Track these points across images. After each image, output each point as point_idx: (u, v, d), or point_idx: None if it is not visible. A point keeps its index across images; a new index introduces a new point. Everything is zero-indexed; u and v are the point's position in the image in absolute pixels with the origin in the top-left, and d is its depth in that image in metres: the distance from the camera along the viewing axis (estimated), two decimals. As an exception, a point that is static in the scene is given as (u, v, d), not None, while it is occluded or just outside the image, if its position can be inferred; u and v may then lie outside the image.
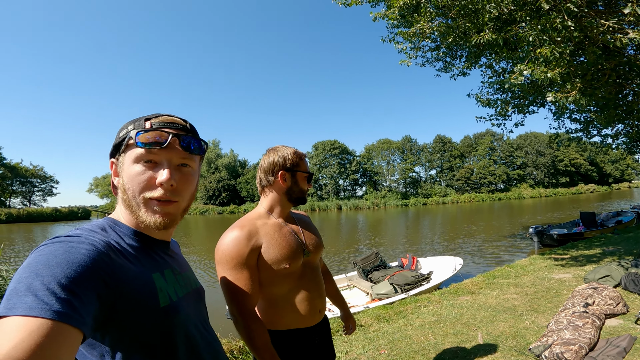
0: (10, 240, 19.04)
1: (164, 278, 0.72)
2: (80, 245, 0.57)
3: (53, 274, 0.50)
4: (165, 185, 0.70)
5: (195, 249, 14.76)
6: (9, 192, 53.78)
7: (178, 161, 0.74)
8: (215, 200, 61.43)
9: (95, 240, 0.61)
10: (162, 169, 0.71)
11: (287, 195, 1.35)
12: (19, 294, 0.47)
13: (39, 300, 0.46)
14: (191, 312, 0.77)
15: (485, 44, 4.73)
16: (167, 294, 0.70)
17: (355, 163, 63.93)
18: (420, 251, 11.23)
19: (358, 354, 3.21)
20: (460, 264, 6.63)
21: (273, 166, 1.33)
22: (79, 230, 0.66)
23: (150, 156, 0.71)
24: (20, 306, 0.46)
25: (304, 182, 1.37)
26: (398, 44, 6.06)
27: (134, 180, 0.70)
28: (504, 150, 65.55)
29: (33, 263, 0.52)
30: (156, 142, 0.70)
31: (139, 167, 0.70)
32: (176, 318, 0.70)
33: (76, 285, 0.51)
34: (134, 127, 0.72)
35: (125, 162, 0.72)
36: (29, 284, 0.48)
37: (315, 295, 1.33)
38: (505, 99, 6.84)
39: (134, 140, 0.70)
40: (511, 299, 4.45)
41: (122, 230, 0.73)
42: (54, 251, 0.54)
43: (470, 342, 3.22)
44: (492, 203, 49.97)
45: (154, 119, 0.73)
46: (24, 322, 0.45)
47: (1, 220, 37.93)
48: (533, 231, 9.46)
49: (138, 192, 0.70)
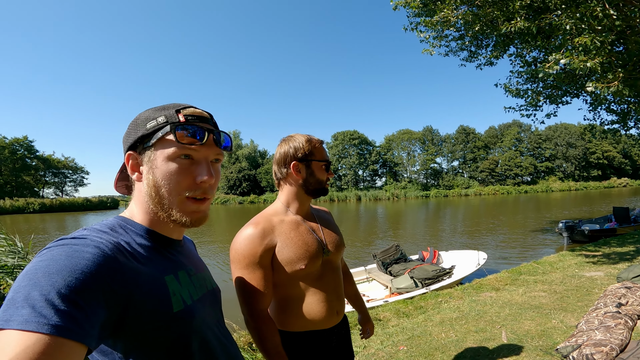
0: (44, 230, 19.81)
1: (177, 280, 0.69)
2: (85, 249, 0.54)
3: (53, 283, 0.46)
4: (206, 184, 0.68)
5: (217, 238, 15.11)
6: (42, 182, 56.72)
7: (213, 157, 0.71)
8: (236, 190, 62.62)
9: (102, 242, 0.57)
10: (201, 166, 0.68)
11: (304, 188, 1.26)
12: (16, 304, 0.45)
13: (36, 313, 0.43)
14: (207, 316, 0.74)
15: (516, 32, 4.50)
16: (181, 297, 0.67)
17: (374, 153, 63.44)
18: (441, 244, 11.05)
19: (376, 349, 3.18)
20: (484, 258, 6.45)
21: (285, 157, 1.25)
22: (86, 230, 0.62)
23: (189, 151, 0.67)
24: (16, 319, 0.43)
25: (321, 172, 1.26)
26: (420, 33, 5.87)
27: (172, 178, 0.66)
28: (532, 142, 63.30)
29: (32, 270, 0.48)
30: (195, 138, 0.66)
31: (176, 164, 0.66)
32: (191, 323, 0.67)
33: (78, 295, 0.47)
34: (165, 119, 0.67)
35: (157, 157, 0.67)
36: (26, 294, 0.45)
37: (334, 297, 1.27)
38: (536, 89, 6.54)
39: (173, 135, 0.65)
40: (538, 297, 4.30)
41: (135, 230, 0.69)
42: (55, 256, 0.51)
43: (493, 341, 3.15)
44: (518, 196, 48.44)
45: (183, 110, 0.69)
46: (20, 336, 0.42)
47: (35, 209, 39.78)
48: (563, 226, 9.08)
49: (176, 192, 0.66)
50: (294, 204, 1.28)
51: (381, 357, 3.01)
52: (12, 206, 38.61)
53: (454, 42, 6.42)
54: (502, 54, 6.31)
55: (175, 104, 0.70)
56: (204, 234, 15.60)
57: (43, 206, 41.00)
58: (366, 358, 3.02)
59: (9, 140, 50.87)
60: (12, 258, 2.89)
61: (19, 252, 3.01)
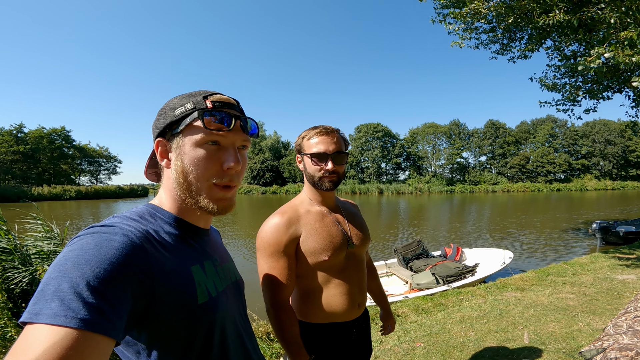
0: (79, 217, 20.85)
1: (203, 271, 0.69)
2: (114, 237, 0.54)
3: (82, 274, 0.47)
4: (233, 170, 0.67)
5: (240, 228, 15.46)
6: (78, 171, 60.02)
7: (240, 143, 0.70)
8: (259, 180, 63.72)
9: (130, 231, 0.58)
10: (228, 152, 0.67)
11: (308, 180, 1.26)
12: (46, 297, 0.45)
13: (65, 307, 0.44)
14: (229, 308, 0.74)
15: (554, 25, 4.30)
16: (206, 288, 0.66)
17: (398, 146, 62.55)
18: (465, 241, 10.82)
19: (392, 344, 3.18)
20: (510, 257, 6.29)
21: (295, 150, 1.29)
22: (116, 218, 0.62)
23: (216, 137, 0.66)
24: (45, 312, 0.43)
25: (311, 166, 1.21)
26: (449, 25, 5.69)
27: (199, 164, 0.65)
28: (567, 138, 60.30)
29: (62, 261, 0.49)
30: (222, 124, 0.66)
31: (204, 150, 0.66)
32: (214, 315, 0.66)
33: (106, 286, 0.48)
34: (193, 105, 0.66)
35: (185, 144, 0.66)
36: (56, 286, 0.45)
37: (356, 290, 1.26)
38: (575, 83, 6.23)
39: (201, 121, 0.65)
40: (566, 299, 4.17)
41: (164, 218, 0.69)
42: (85, 245, 0.51)
43: (514, 341, 3.10)
44: (550, 194, 46.51)
45: (210, 97, 0.68)
46: (48, 331, 0.42)
47: (72, 196, 41.95)
48: (597, 227, 8.68)
49: (204, 178, 0.66)
50: (313, 195, 1.28)
51: (397, 353, 3.02)
52: (50, 193, 40.79)
53: (485, 35, 6.19)
54: (538, 47, 6.02)
55: (202, 90, 0.70)
56: (227, 224, 15.98)
57: (79, 193, 43.17)
58: (382, 353, 3.03)
59: (47, 130, 53.86)
60: (48, 244, 3.05)
61: (55, 237, 3.15)
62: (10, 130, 50.11)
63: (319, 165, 1.20)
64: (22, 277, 2.64)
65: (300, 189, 1.37)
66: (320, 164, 1.19)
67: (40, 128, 53.18)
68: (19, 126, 51.04)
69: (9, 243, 2.80)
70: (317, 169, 1.20)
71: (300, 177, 59.09)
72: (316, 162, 1.20)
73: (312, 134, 1.22)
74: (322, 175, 1.20)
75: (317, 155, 1.19)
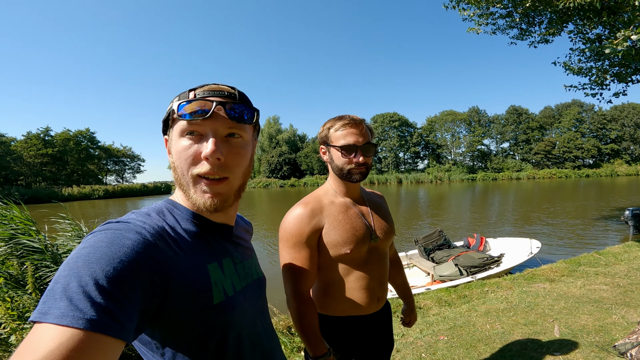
0: (107, 215, 21.39)
1: (221, 269, 0.67)
2: (127, 235, 0.53)
3: (92, 273, 0.46)
4: (211, 158, 0.62)
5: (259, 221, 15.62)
6: (104, 171, 62.36)
7: (225, 131, 0.65)
8: (277, 173, 64.22)
9: (145, 227, 0.57)
10: (205, 139, 0.63)
11: (334, 172, 1.22)
12: (55, 296, 0.44)
13: (73, 306, 0.43)
14: (248, 308, 0.72)
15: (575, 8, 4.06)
16: (223, 288, 0.65)
17: (416, 135, 61.65)
18: (489, 231, 10.53)
19: (415, 338, 3.12)
20: (537, 247, 6.07)
21: (319, 141, 1.26)
22: (133, 214, 0.62)
23: (193, 127, 0.63)
24: (53, 312, 0.42)
25: (338, 158, 1.18)
26: (463, 11, 5.47)
27: (181, 155, 0.64)
28: (595, 122, 57.67)
29: (74, 259, 0.48)
30: (199, 112, 0.62)
31: (184, 140, 0.64)
32: (230, 315, 0.65)
33: (116, 286, 0.46)
34: (178, 99, 0.65)
35: (172, 137, 0.66)
36: (65, 284, 0.45)
37: (376, 284, 1.25)
38: (601, 66, 5.91)
39: (176, 112, 0.63)
40: (599, 290, 3.99)
41: (180, 214, 0.67)
42: (97, 243, 0.50)
43: (543, 335, 2.99)
44: (578, 180, 44.71)
45: (199, 89, 0.66)
46: (55, 331, 0.41)
47: (100, 196, 43.36)
48: (629, 214, 8.24)
49: (186, 169, 0.64)
50: (337, 186, 1.25)
51: (419, 347, 2.96)
52: (80, 193, 42.27)
53: (502, 20, 5.93)
54: (559, 31, 5.73)
55: (200, 84, 0.68)
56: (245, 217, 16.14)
57: (106, 192, 44.59)
58: (404, 347, 2.98)
59: (73, 132, 56.07)
60: (77, 242, 3.18)
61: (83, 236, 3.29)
62: (37, 134, 52.22)
63: (348, 157, 1.16)
64: (54, 275, 2.74)
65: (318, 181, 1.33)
66: (349, 156, 1.16)
67: (66, 131, 55.40)
68: (46, 129, 53.16)
69: (40, 243, 2.94)
70: (346, 161, 1.16)
71: (318, 169, 59.22)
72: (345, 154, 1.16)
73: (339, 125, 1.17)
74: (351, 168, 1.17)
75: (347, 148, 1.15)
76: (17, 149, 49.30)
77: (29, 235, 3.02)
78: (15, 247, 2.96)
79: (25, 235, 3.01)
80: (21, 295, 2.41)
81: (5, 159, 46.18)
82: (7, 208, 3.27)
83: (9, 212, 3.23)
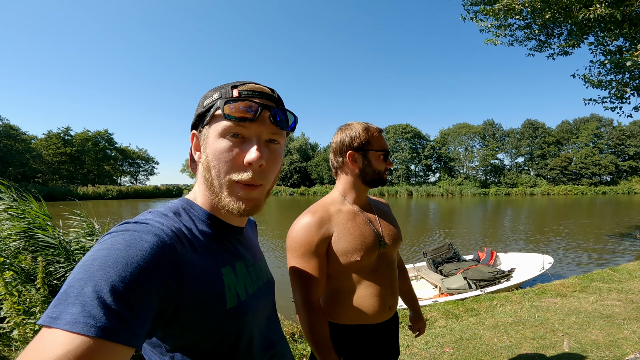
0: (119, 215, 21.91)
1: (234, 272, 0.66)
2: (145, 237, 0.52)
3: (107, 277, 0.45)
4: (255, 165, 0.60)
5: (268, 228, 15.67)
6: (119, 171, 63.72)
7: (267, 137, 0.64)
8: (287, 181, 64.56)
9: (162, 230, 0.55)
10: (251, 145, 0.61)
11: (361, 178, 1.22)
12: (68, 300, 0.43)
13: (86, 313, 0.42)
14: (259, 311, 0.71)
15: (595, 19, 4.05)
16: (236, 292, 0.64)
17: (428, 148, 61.24)
18: (500, 246, 10.36)
19: (419, 349, 3.08)
20: (549, 263, 5.95)
21: (341, 146, 1.22)
22: (150, 214, 0.61)
23: (238, 129, 0.61)
24: (64, 317, 0.41)
25: (378, 162, 1.21)
26: (481, 22, 5.50)
27: (220, 157, 0.61)
28: (613, 138, 56.33)
29: (89, 261, 0.47)
30: (245, 114, 0.60)
31: (225, 142, 0.61)
32: (243, 319, 0.64)
33: (132, 292, 0.45)
34: (220, 95, 0.63)
35: (209, 135, 0.63)
36: (80, 289, 0.44)
37: (388, 292, 1.22)
38: (622, 79, 5.84)
39: (221, 110, 0.61)
40: (611, 306, 3.88)
41: (197, 214, 0.66)
42: (114, 245, 0.49)
43: (552, 349, 2.91)
44: (594, 197, 43.62)
45: (240, 86, 0.64)
46: (64, 338, 0.40)
47: (113, 196, 44.47)
48: (646, 232, 8.02)
49: (224, 173, 0.62)
50: (351, 193, 1.25)
51: (424, 358, 2.92)
52: (94, 192, 43.36)
53: (520, 31, 5.93)
54: (579, 43, 5.69)
55: (238, 81, 0.66)
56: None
57: (120, 193, 45.69)
58: (408, 357, 2.94)
59: (92, 133, 57.57)
60: (90, 240, 3.24)
61: (96, 234, 3.35)
62: (58, 133, 53.85)
63: (386, 161, 1.23)
64: (65, 272, 2.77)
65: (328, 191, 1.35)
66: (387, 161, 1.24)
67: (85, 131, 56.91)
68: (66, 129, 54.76)
69: (54, 239, 2.98)
70: (384, 165, 1.23)
71: (328, 179, 59.12)
72: (384, 158, 1.23)
73: (375, 131, 1.22)
74: (385, 171, 1.25)
75: (386, 152, 1.23)
76: (37, 147, 50.78)
77: (45, 230, 3.07)
78: (29, 241, 3.00)
79: (41, 230, 3.06)
80: (29, 290, 2.43)
81: (25, 156, 47.50)
82: (25, 203, 3.36)
83: (27, 207, 3.31)
